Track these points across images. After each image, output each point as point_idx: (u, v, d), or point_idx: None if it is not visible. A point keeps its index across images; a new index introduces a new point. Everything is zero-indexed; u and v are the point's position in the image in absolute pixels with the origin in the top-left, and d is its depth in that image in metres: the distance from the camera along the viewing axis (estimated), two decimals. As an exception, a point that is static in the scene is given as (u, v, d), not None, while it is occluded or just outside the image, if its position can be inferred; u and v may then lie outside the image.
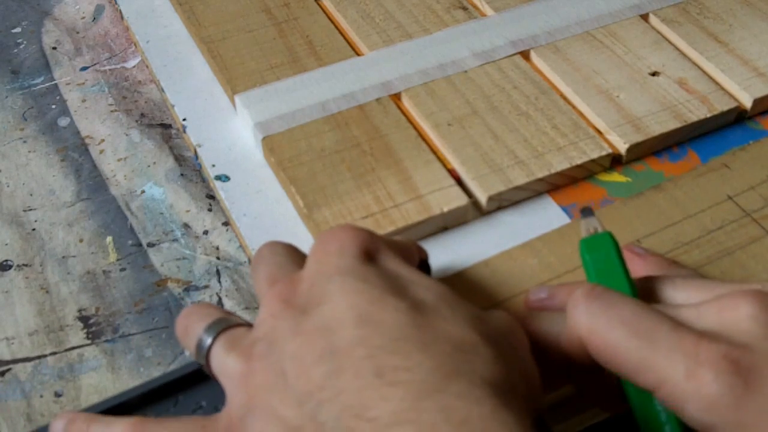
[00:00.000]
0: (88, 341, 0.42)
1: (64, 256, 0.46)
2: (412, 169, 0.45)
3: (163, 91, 0.53)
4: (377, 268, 0.32)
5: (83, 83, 0.55)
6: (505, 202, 0.45)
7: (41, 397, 0.40)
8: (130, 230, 0.47)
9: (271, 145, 0.47)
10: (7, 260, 0.45)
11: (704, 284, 0.34)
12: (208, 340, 0.33)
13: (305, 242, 0.41)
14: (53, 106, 0.54)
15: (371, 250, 0.33)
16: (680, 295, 0.34)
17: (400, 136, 0.47)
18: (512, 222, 0.45)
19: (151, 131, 0.52)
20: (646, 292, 0.35)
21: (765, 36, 0.53)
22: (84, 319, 0.43)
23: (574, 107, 0.49)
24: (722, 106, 0.49)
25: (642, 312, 0.31)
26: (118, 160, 0.50)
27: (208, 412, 0.36)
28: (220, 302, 0.43)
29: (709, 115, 0.48)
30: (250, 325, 0.34)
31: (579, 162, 0.46)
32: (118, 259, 0.46)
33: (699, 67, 0.51)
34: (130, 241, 0.46)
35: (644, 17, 0.54)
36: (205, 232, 0.47)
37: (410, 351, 0.28)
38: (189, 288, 0.44)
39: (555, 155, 0.46)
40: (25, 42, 0.58)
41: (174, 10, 0.57)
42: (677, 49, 0.52)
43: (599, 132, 0.48)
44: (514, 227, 0.45)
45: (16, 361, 0.41)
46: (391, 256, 0.33)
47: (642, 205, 0.45)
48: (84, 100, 0.54)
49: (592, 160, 0.46)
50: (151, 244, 0.46)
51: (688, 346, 0.30)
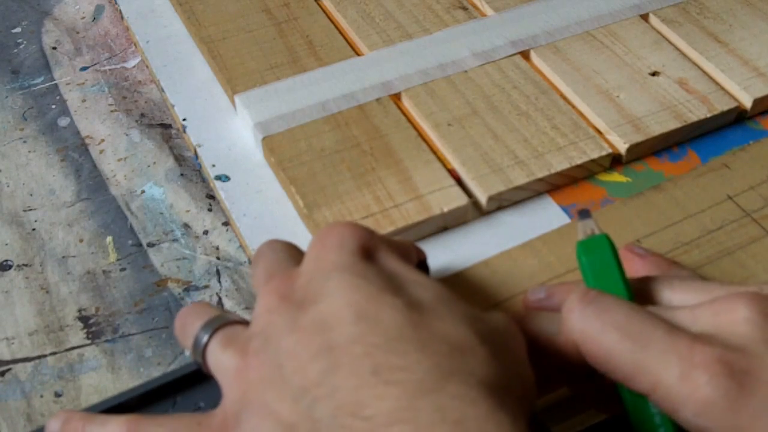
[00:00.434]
0: (88, 341, 0.42)
1: (64, 256, 0.46)
2: (412, 169, 0.45)
3: (163, 91, 0.53)
4: (375, 266, 0.32)
5: (83, 83, 0.55)
6: (505, 202, 0.45)
7: (41, 397, 0.40)
8: (130, 230, 0.47)
9: (271, 145, 0.47)
10: (7, 260, 0.45)
11: (701, 286, 0.34)
12: (205, 337, 0.33)
13: (305, 242, 0.41)
14: (53, 106, 0.54)
15: (370, 248, 0.33)
16: (677, 296, 0.34)
17: (400, 136, 0.47)
18: (512, 222, 0.45)
19: (151, 131, 0.52)
20: (643, 293, 0.35)
21: (765, 36, 0.53)
22: (84, 319, 0.43)
23: (574, 107, 0.49)
24: (722, 106, 0.49)
25: (636, 315, 0.31)
26: (118, 160, 0.50)
27: (208, 413, 0.36)
28: (220, 302, 0.43)
29: (709, 115, 0.48)
30: (247, 323, 0.34)
31: (579, 162, 0.46)
32: (118, 259, 0.46)
33: (699, 67, 0.51)
34: (130, 241, 0.46)
35: (644, 17, 0.54)
36: (205, 232, 0.47)
37: (407, 350, 0.28)
38: (189, 288, 0.44)
39: (555, 155, 0.46)
40: (25, 42, 0.58)
41: (174, 10, 0.57)
42: (677, 49, 0.52)
43: (599, 132, 0.48)
44: (514, 227, 0.45)
45: (16, 361, 0.41)
46: (389, 254, 0.33)
47: (642, 205, 0.45)
48: (84, 100, 0.54)
49: (592, 160, 0.46)
50: (151, 244, 0.46)
51: (683, 349, 0.30)
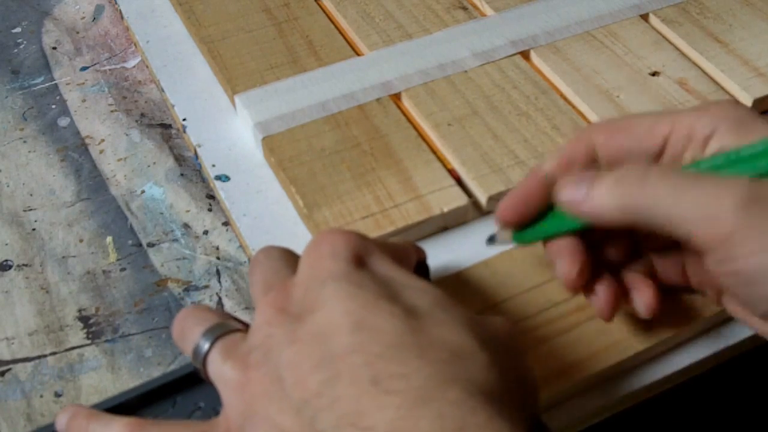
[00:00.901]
0: (88, 341, 0.42)
1: (64, 256, 0.46)
2: (412, 169, 0.45)
3: (163, 91, 0.53)
4: (370, 273, 0.32)
5: (83, 83, 0.55)
6: (505, 202, 0.45)
7: (41, 397, 0.40)
8: (130, 230, 0.47)
9: (271, 145, 0.47)
10: (7, 260, 0.45)
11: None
12: (205, 346, 0.33)
13: (305, 242, 0.41)
14: (53, 106, 0.54)
15: (363, 254, 0.33)
16: None
17: (400, 136, 0.47)
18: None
19: (151, 131, 0.52)
20: None
21: (765, 36, 0.53)
22: (84, 319, 0.43)
23: (574, 107, 0.49)
24: (722, 106, 0.48)
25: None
26: (118, 160, 0.50)
27: (207, 413, 0.36)
28: (220, 302, 0.43)
29: (709, 115, 0.48)
30: (247, 326, 0.34)
31: (579, 162, 0.46)
32: (118, 259, 0.46)
33: (699, 67, 0.51)
34: (130, 241, 0.46)
35: (644, 17, 0.54)
36: (205, 232, 0.47)
37: (406, 358, 0.28)
38: (189, 288, 0.44)
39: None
40: (25, 42, 0.58)
41: (174, 10, 0.57)
42: (677, 49, 0.52)
43: (599, 132, 0.48)
44: (513, 227, 0.44)
45: (16, 361, 0.41)
46: (383, 260, 0.33)
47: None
48: (84, 100, 0.54)
49: (592, 160, 0.46)
50: (151, 244, 0.46)
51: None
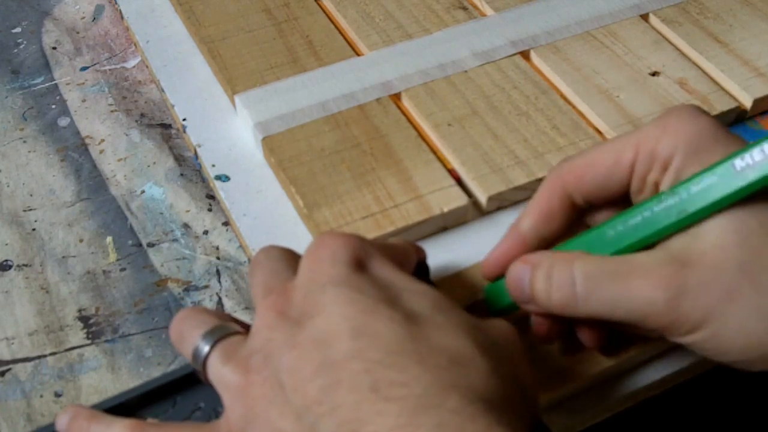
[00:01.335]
0: (88, 341, 0.42)
1: (64, 256, 0.46)
2: (412, 169, 0.45)
3: (163, 91, 0.53)
4: (369, 277, 0.32)
5: (83, 83, 0.55)
6: (505, 202, 0.45)
7: (41, 397, 0.40)
8: (130, 230, 0.47)
9: (271, 145, 0.47)
10: (7, 260, 0.45)
11: None
12: (205, 349, 0.33)
13: (305, 242, 0.41)
14: (53, 106, 0.54)
15: (362, 258, 0.32)
16: None
17: (400, 136, 0.47)
18: (512, 222, 0.45)
19: (151, 131, 0.52)
20: None
21: (765, 36, 0.53)
22: (84, 319, 0.43)
23: (574, 107, 0.49)
24: (722, 106, 0.48)
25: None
26: (118, 160, 0.50)
27: (207, 414, 0.36)
28: (220, 302, 0.43)
29: (709, 115, 0.48)
30: (247, 330, 0.34)
31: (579, 162, 0.46)
32: (118, 259, 0.46)
33: (699, 67, 0.51)
34: (130, 241, 0.46)
35: (644, 17, 0.54)
36: (205, 232, 0.47)
37: (406, 364, 0.28)
38: (189, 288, 0.44)
39: (555, 155, 0.46)
40: (25, 42, 0.58)
41: (174, 10, 0.57)
42: (677, 49, 0.52)
43: (599, 132, 0.48)
44: (513, 227, 0.44)
45: (16, 361, 0.41)
46: (382, 263, 0.33)
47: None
48: (84, 100, 0.54)
49: (592, 160, 0.46)
50: (151, 244, 0.46)
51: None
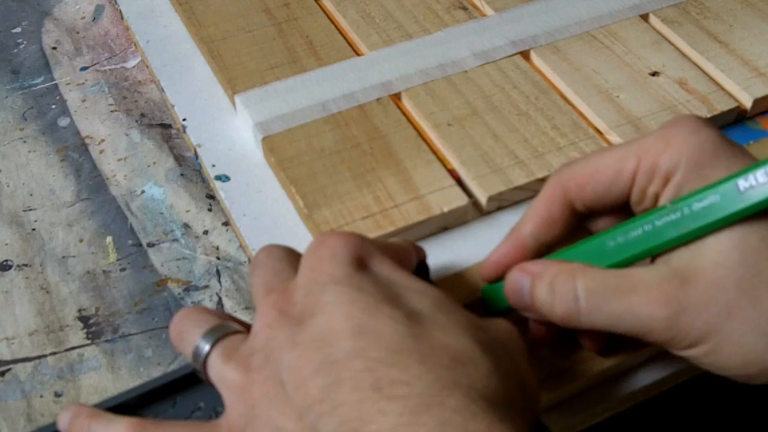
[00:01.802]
0: (88, 341, 0.42)
1: (64, 256, 0.46)
2: (412, 169, 0.45)
3: (163, 91, 0.53)
4: (371, 276, 0.32)
5: (83, 83, 0.55)
6: (505, 202, 0.45)
7: (41, 397, 0.40)
8: (130, 230, 0.47)
9: (271, 145, 0.47)
10: (7, 260, 0.45)
11: None
12: (206, 348, 0.33)
13: (305, 242, 0.41)
14: (53, 106, 0.54)
15: (363, 257, 0.32)
16: None
17: (400, 136, 0.47)
18: (512, 222, 0.45)
19: (151, 131, 0.52)
20: None
21: (765, 36, 0.53)
22: (84, 319, 0.43)
23: (574, 107, 0.49)
24: (722, 106, 0.48)
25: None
26: (118, 160, 0.50)
27: (207, 414, 0.36)
28: (220, 302, 0.43)
29: (709, 116, 0.48)
30: (247, 329, 0.34)
31: (579, 162, 0.46)
32: (118, 259, 0.46)
33: (699, 67, 0.51)
34: (130, 241, 0.46)
35: (644, 17, 0.54)
36: (205, 232, 0.47)
37: (408, 363, 0.28)
38: (189, 288, 0.44)
39: (555, 155, 0.46)
40: (25, 42, 0.58)
41: (174, 10, 0.57)
42: (677, 49, 0.52)
43: (599, 132, 0.48)
44: (514, 227, 0.44)
45: (16, 361, 0.41)
46: (383, 262, 0.33)
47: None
48: (84, 100, 0.54)
49: (592, 160, 0.46)
50: (151, 244, 0.46)
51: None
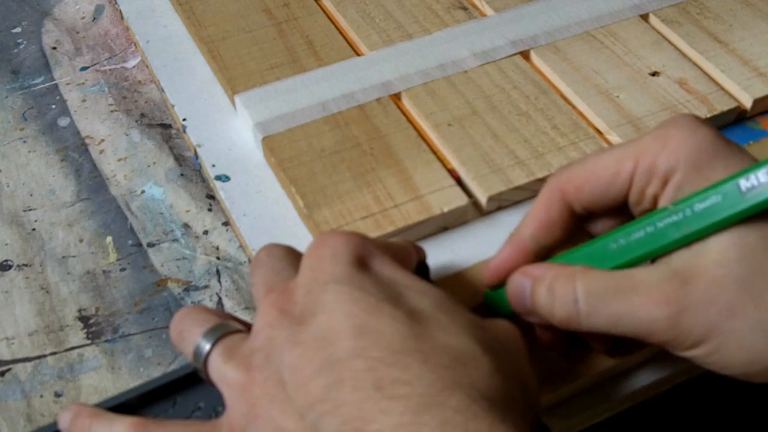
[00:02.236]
0: (88, 341, 0.42)
1: (64, 256, 0.46)
2: (412, 169, 0.45)
3: (163, 91, 0.53)
4: (372, 275, 0.32)
5: (83, 83, 0.55)
6: (505, 202, 0.45)
7: (41, 397, 0.40)
8: (130, 230, 0.47)
9: (271, 145, 0.47)
10: (7, 260, 0.45)
11: None
12: (206, 347, 0.33)
13: (305, 242, 0.41)
14: (53, 106, 0.54)
15: (364, 256, 0.32)
16: None
17: (400, 136, 0.47)
18: (512, 222, 0.45)
19: (151, 131, 0.52)
20: None
21: (765, 36, 0.53)
22: (84, 319, 0.43)
23: (574, 107, 0.49)
24: (722, 106, 0.48)
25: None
26: (118, 160, 0.50)
27: (207, 414, 0.36)
28: (220, 302, 0.43)
29: (709, 116, 0.48)
30: (247, 328, 0.34)
31: (579, 162, 0.46)
32: (118, 259, 0.46)
33: (699, 67, 0.51)
34: (130, 241, 0.46)
35: (644, 17, 0.54)
36: (205, 232, 0.47)
37: (409, 363, 0.28)
38: (189, 288, 0.44)
39: (555, 155, 0.46)
40: (25, 42, 0.58)
41: (174, 10, 0.57)
42: (677, 49, 0.52)
43: (599, 132, 0.48)
44: (514, 227, 0.44)
45: (16, 361, 0.41)
46: (384, 261, 0.33)
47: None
48: (84, 100, 0.54)
49: (592, 160, 0.46)
50: (151, 244, 0.46)
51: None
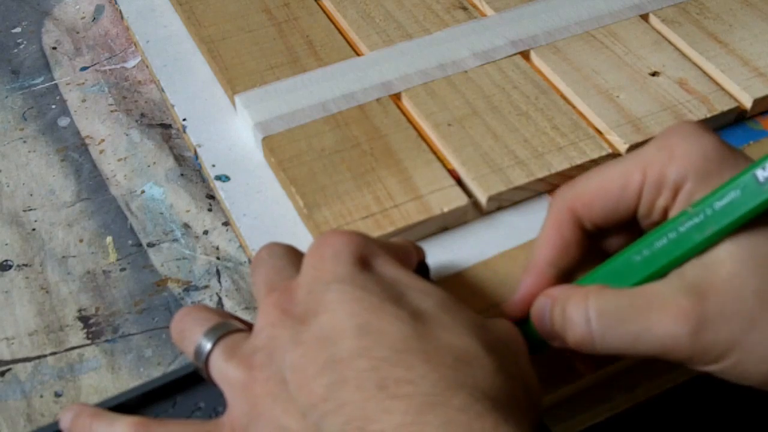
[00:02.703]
0: (88, 341, 0.42)
1: (64, 256, 0.46)
2: (412, 169, 0.45)
3: (163, 91, 0.53)
4: (374, 275, 0.32)
5: (83, 83, 0.55)
6: (505, 202, 0.45)
7: (41, 397, 0.40)
8: (130, 230, 0.47)
9: (271, 145, 0.47)
10: (7, 260, 0.45)
11: None
12: (208, 346, 0.33)
13: (305, 242, 0.41)
14: (53, 106, 0.54)
15: (366, 256, 0.32)
16: None
17: (400, 136, 0.47)
18: (512, 222, 0.45)
19: (151, 131, 0.52)
20: None
21: (765, 36, 0.53)
22: (84, 319, 0.43)
23: (574, 107, 0.49)
24: (722, 106, 0.48)
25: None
26: (118, 160, 0.50)
27: (207, 413, 0.36)
28: (220, 302, 0.43)
29: (709, 116, 0.48)
30: (248, 327, 0.34)
31: (579, 162, 0.46)
32: (118, 259, 0.46)
33: (699, 67, 0.51)
34: (130, 241, 0.46)
35: (644, 17, 0.54)
36: (205, 232, 0.47)
37: (413, 363, 0.28)
38: (189, 288, 0.44)
39: (555, 155, 0.46)
40: (25, 42, 0.58)
41: (174, 10, 0.57)
42: (677, 49, 0.52)
43: (599, 132, 0.48)
44: (514, 227, 0.44)
45: (16, 361, 0.41)
46: (387, 261, 0.33)
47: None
48: (84, 100, 0.54)
49: (592, 161, 0.46)
50: (151, 244, 0.46)
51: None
